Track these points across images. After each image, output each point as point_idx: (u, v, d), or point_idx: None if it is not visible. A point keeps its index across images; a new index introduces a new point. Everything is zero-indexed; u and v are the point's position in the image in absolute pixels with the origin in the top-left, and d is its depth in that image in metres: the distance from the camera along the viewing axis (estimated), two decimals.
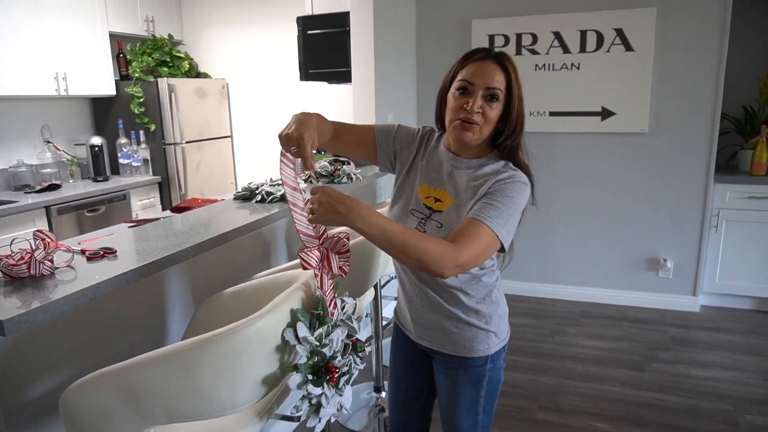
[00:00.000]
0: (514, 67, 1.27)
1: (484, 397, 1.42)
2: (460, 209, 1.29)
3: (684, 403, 2.61)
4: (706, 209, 3.52)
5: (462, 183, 1.31)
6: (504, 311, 1.44)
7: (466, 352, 1.38)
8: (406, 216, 1.37)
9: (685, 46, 3.35)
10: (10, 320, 1.10)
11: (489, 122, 1.26)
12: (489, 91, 1.25)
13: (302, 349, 1.11)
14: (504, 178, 1.25)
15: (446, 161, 1.36)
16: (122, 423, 1.09)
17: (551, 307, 3.80)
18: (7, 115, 3.72)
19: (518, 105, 1.27)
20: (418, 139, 1.45)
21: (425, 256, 1.11)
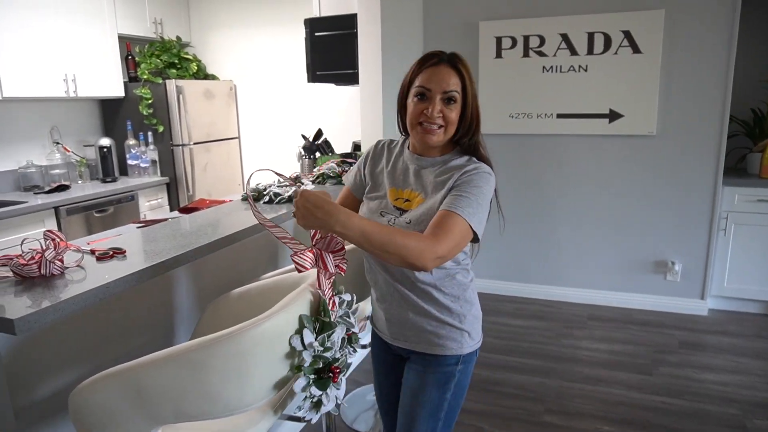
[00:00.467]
0: (467, 68, 1.33)
1: (448, 401, 1.41)
2: (430, 205, 1.32)
3: (691, 407, 2.59)
4: (715, 212, 3.50)
5: (429, 180, 1.36)
6: (478, 313, 1.45)
7: (439, 349, 1.39)
8: (376, 216, 1.40)
9: (694, 48, 3.33)
10: (20, 319, 1.11)
11: (451, 123, 1.32)
12: (446, 95, 1.30)
13: (308, 354, 1.13)
14: (470, 170, 1.31)
15: (412, 163, 1.41)
16: (130, 422, 1.10)
17: (558, 309, 3.79)
18: (18, 117, 3.75)
19: (473, 104, 1.33)
20: (374, 153, 1.50)
21: (406, 252, 1.13)
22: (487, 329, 3.45)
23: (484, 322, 1.50)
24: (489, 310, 3.76)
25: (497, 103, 3.77)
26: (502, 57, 3.70)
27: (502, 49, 3.69)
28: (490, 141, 1.40)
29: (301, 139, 3.49)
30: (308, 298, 1.19)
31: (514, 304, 3.88)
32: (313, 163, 3.36)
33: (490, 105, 3.79)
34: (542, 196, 3.85)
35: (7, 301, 1.20)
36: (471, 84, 1.32)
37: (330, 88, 4.16)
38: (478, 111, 1.34)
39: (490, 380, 2.87)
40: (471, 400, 2.68)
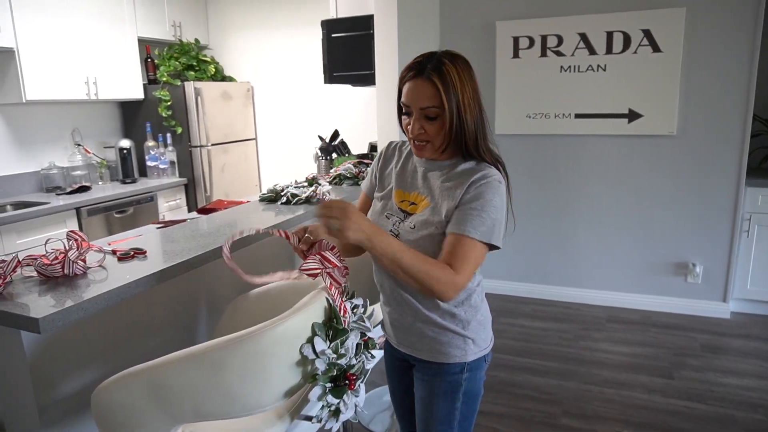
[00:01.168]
0: (444, 77, 1.21)
1: (459, 410, 1.38)
2: (436, 210, 1.28)
3: (714, 412, 2.55)
4: (737, 213, 3.43)
5: (436, 184, 1.31)
6: (484, 318, 1.40)
7: (443, 357, 1.35)
8: (382, 220, 1.37)
9: (716, 46, 3.28)
10: (45, 318, 1.13)
11: (435, 137, 1.25)
12: (423, 112, 1.24)
13: (321, 362, 1.11)
14: (478, 181, 1.24)
15: (420, 165, 1.36)
16: (151, 421, 1.11)
17: (576, 311, 3.75)
18: (40, 119, 3.82)
19: (458, 113, 1.22)
20: (386, 153, 1.47)
21: (428, 281, 1.16)
22: (506, 331, 3.43)
23: (501, 323, 1.49)
24: (507, 312, 3.74)
25: (514, 103, 3.74)
26: (519, 57, 3.68)
27: (520, 48, 3.66)
28: (507, 141, 1.38)
29: (318, 140, 3.50)
30: (323, 302, 1.18)
31: (533, 305, 3.85)
32: (330, 164, 3.37)
33: (507, 105, 3.76)
34: (560, 196, 3.81)
35: (31, 300, 1.22)
36: (455, 93, 1.21)
37: (347, 89, 4.17)
38: (469, 118, 1.23)
39: (508, 382, 2.84)
40: (488, 401, 2.66)
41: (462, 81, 1.22)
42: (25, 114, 3.72)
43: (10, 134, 3.65)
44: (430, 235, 1.26)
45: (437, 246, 1.25)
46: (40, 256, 1.40)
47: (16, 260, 1.35)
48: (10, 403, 1.34)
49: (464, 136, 1.25)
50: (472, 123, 1.24)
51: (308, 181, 2.50)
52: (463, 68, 1.24)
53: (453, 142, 1.27)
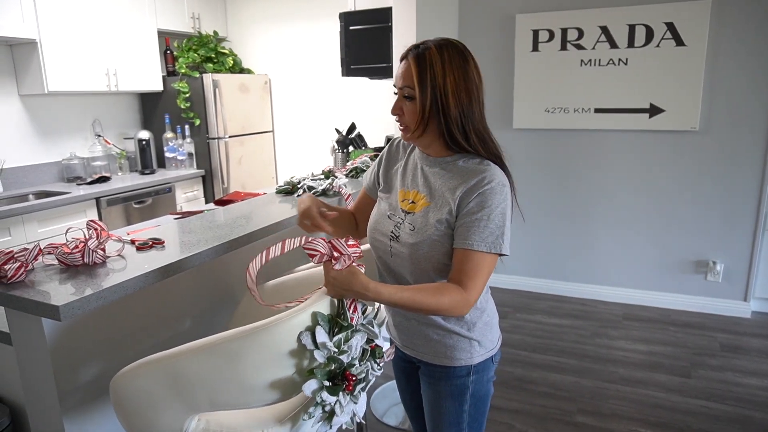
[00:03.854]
0: (422, 61, 1.19)
1: (468, 412, 1.35)
2: (434, 211, 1.25)
3: (734, 413, 2.51)
4: (761, 211, 3.36)
5: (436, 183, 1.27)
6: (490, 319, 1.36)
7: (448, 360, 1.32)
8: (383, 220, 1.35)
9: (741, 40, 3.20)
10: (65, 306, 1.15)
11: (410, 121, 1.24)
12: (402, 92, 1.23)
13: (320, 354, 1.08)
14: (479, 185, 1.20)
15: (421, 161, 1.33)
16: (168, 409, 1.12)
17: (593, 308, 3.71)
18: (62, 110, 3.87)
19: (434, 97, 1.19)
20: (390, 151, 1.45)
21: (441, 312, 1.17)
22: (522, 327, 3.41)
23: (518, 319, 1.47)
24: (524, 308, 3.71)
25: (533, 97, 3.70)
26: (538, 50, 3.63)
27: (539, 42, 3.62)
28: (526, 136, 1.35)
29: (335, 133, 3.50)
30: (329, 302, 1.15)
31: (550, 302, 3.82)
32: (347, 157, 3.37)
33: (525, 99, 3.72)
34: (578, 192, 3.77)
35: (52, 288, 1.24)
36: (434, 77, 1.18)
37: (364, 81, 4.16)
38: (456, 105, 1.20)
39: (524, 378, 2.83)
40: (503, 397, 2.65)
41: (445, 66, 1.19)
42: (47, 105, 3.77)
43: (33, 124, 3.70)
44: (429, 239, 1.23)
45: (436, 249, 1.23)
46: (61, 245, 1.42)
47: (37, 249, 1.37)
48: (32, 389, 1.36)
49: (447, 124, 1.21)
50: (456, 111, 1.20)
51: (325, 174, 2.50)
52: (451, 55, 1.20)
53: (436, 132, 1.24)
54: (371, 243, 1.38)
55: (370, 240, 1.38)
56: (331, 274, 1.09)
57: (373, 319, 1.21)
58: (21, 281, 1.29)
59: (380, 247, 1.34)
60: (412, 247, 1.25)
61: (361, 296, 1.11)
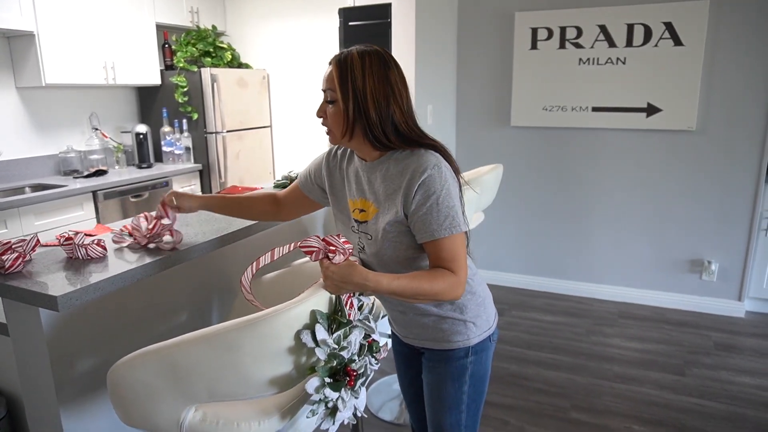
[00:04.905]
0: (342, 65, 1.22)
1: (467, 393, 1.40)
2: (383, 216, 1.28)
3: (727, 411, 2.53)
4: (756, 211, 3.38)
5: (379, 188, 1.29)
6: (482, 299, 1.40)
7: (446, 344, 1.37)
8: (350, 234, 1.37)
9: (739, 41, 3.22)
10: (63, 296, 1.15)
11: (333, 123, 1.27)
12: (325, 95, 1.27)
13: (321, 351, 1.09)
14: (417, 178, 1.21)
15: (361, 170, 1.35)
16: (165, 400, 1.12)
17: (589, 306, 3.73)
18: (59, 103, 3.86)
19: (355, 101, 1.22)
20: (324, 160, 1.46)
21: (438, 295, 1.20)
22: (517, 324, 3.42)
23: (513, 316, 1.49)
24: (520, 305, 3.73)
25: (531, 95, 3.71)
26: (537, 48, 3.64)
27: (538, 40, 3.62)
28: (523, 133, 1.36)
29: None
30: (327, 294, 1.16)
31: (546, 299, 3.84)
32: None
33: (523, 97, 3.73)
34: (575, 190, 3.78)
35: (50, 279, 1.24)
36: (352, 81, 1.21)
37: None
38: (374, 107, 1.21)
39: (519, 375, 2.84)
40: (498, 393, 2.66)
41: (364, 72, 1.21)
42: (44, 97, 3.75)
43: (29, 117, 3.69)
44: (388, 243, 1.27)
45: (397, 249, 1.27)
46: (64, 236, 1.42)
47: (35, 239, 1.37)
48: (29, 380, 1.36)
49: (369, 127, 1.24)
50: (375, 113, 1.22)
51: None
52: (372, 61, 1.22)
53: (360, 135, 1.26)
54: None
55: None
56: (331, 269, 1.10)
57: (369, 314, 1.22)
58: (19, 272, 1.29)
59: (356, 255, 1.39)
60: (376, 256, 1.31)
61: (362, 287, 1.12)
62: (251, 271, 1.26)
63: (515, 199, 3.92)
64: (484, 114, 3.87)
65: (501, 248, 4.06)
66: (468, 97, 3.92)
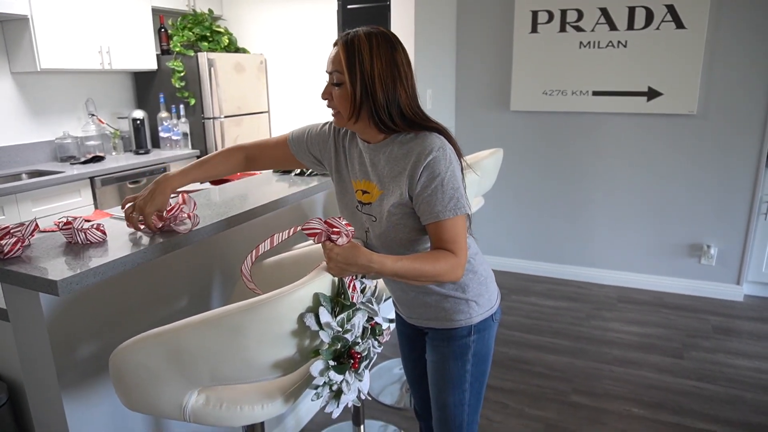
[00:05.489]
0: (350, 46, 1.20)
1: (470, 372, 1.41)
2: (388, 198, 1.27)
3: (725, 393, 2.54)
4: (756, 196, 3.38)
5: (383, 171, 1.29)
6: (484, 278, 1.40)
7: (448, 323, 1.38)
8: (354, 214, 1.37)
9: (741, 24, 3.19)
10: (63, 281, 1.14)
11: (340, 106, 1.25)
12: (331, 77, 1.26)
13: (325, 335, 1.09)
14: (422, 160, 1.21)
15: (365, 151, 1.34)
16: (168, 384, 1.12)
17: (588, 291, 3.73)
18: (54, 88, 3.82)
19: (362, 83, 1.20)
20: (331, 135, 1.43)
21: (439, 276, 1.20)
22: (517, 308, 3.43)
23: (513, 301, 1.49)
24: (519, 290, 3.73)
25: (531, 79, 3.68)
26: (537, 32, 3.60)
27: (538, 23, 3.59)
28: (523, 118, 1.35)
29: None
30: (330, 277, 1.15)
31: (546, 284, 3.84)
32: None
33: (523, 81, 3.70)
34: (575, 175, 3.77)
35: (49, 263, 1.23)
36: (360, 63, 1.19)
37: None
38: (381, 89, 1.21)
39: (519, 359, 2.85)
40: (499, 377, 2.67)
41: (372, 53, 1.20)
42: (40, 83, 3.71)
43: (25, 103, 3.65)
44: (391, 225, 1.28)
45: (401, 230, 1.28)
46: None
47: (34, 224, 1.35)
48: (30, 366, 1.36)
49: (375, 109, 1.23)
50: (382, 96, 1.21)
51: None
52: (380, 42, 1.21)
53: (366, 117, 1.25)
54: None
55: None
56: (335, 251, 1.09)
57: (372, 296, 1.21)
58: (18, 257, 1.28)
59: (360, 236, 1.39)
60: (380, 237, 1.31)
61: (366, 269, 1.11)
62: (251, 259, 1.25)
63: (515, 184, 3.90)
64: (483, 98, 3.84)
65: (501, 233, 4.06)
66: (467, 81, 3.89)
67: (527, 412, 2.41)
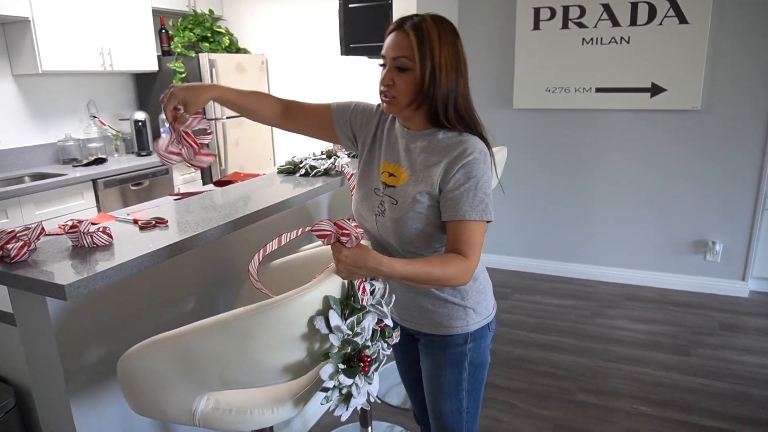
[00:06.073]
0: (421, 32, 1.18)
1: (466, 380, 1.38)
2: (416, 185, 1.25)
3: (732, 390, 2.53)
4: (760, 191, 3.36)
5: (417, 158, 1.27)
6: (483, 287, 1.38)
7: (445, 330, 1.35)
8: (369, 196, 1.34)
9: (744, 19, 3.17)
10: (71, 285, 1.13)
11: (403, 93, 1.22)
12: (395, 62, 1.21)
13: (335, 338, 1.08)
14: (462, 157, 1.20)
15: (401, 136, 1.33)
16: (177, 388, 1.11)
17: (593, 288, 3.72)
18: (56, 90, 3.81)
19: (431, 71, 1.18)
20: (377, 115, 1.41)
21: (447, 281, 1.18)
22: (522, 307, 3.42)
23: (518, 300, 1.47)
24: (524, 288, 3.72)
25: (534, 76, 3.67)
26: (540, 28, 3.59)
27: (540, 20, 3.57)
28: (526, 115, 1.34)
29: None
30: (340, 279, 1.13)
31: (550, 282, 3.83)
32: None
33: (526, 78, 3.69)
34: (579, 172, 3.76)
35: (56, 267, 1.22)
36: (431, 50, 1.18)
37: (363, 60, 4.11)
38: (447, 79, 1.20)
39: (524, 358, 2.84)
40: (505, 377, 2.66)
41: (441, 40, 1.19)
42: (41, 85, 3.71)
43: (27, 105, 3.64)
44: (413, 212, 1.25)
45: (420, 221, 1.25)
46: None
47: (40, 228, 1.35)
48: (37, 370, 1.35)
49: (434, 99, 1.21)
50: (445, 86, 1.20)
51: (327, 154, 2.48)
52: (444, 30, 1.20)
53: (423, 106, 1.23)
54: (358, 219, 1.38)
55: (357, 216, 1.39)
56: (344, 253, 1.08)
57: (381, 299, 1.20)
58: (24, 261, 1.27)
59: (367, 222, 1.35)
60: (397, 221, 1.27)
61: (375, 272, 1.10)
62: (258, 259, 1.24)
63: (518, 182, 3.89)
64: (486, 96, 3.82)
65: (505, 231, 4.05)
66: (470, 79, 3.86)
67: (535, 412, 2.40)
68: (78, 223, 1.37)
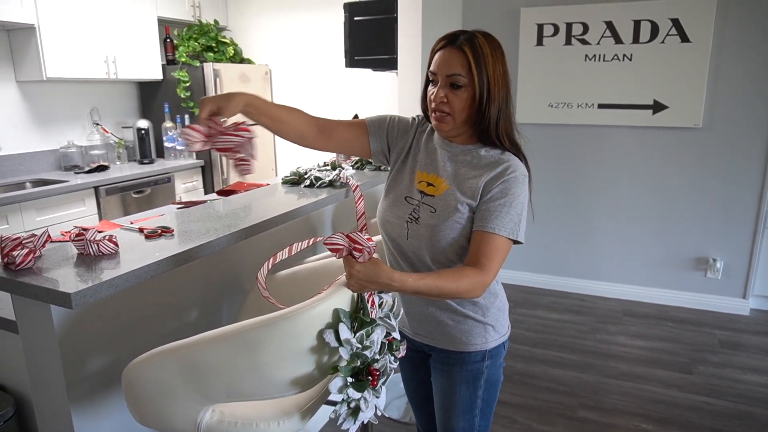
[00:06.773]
0: (475, 49, 1.19)
1: (481, 397, 1.37)
2: (455, 196, 1.25)
3: (735, 409, 2.52)
4: (761, 209, 3.37)
5: (458, 170, 1.28)
6: (503, 305, 1.38)
7: (463, 346, 1.33)
8: (400, 204, 1.33)
9: (747, 37, 3.20)
10: (77, 293, 1.12)
11: (458, 110, 1.22)
12: (449, 79, 1.21)
13: (344, 351, 1.07)
14: (504, 173, 1.22)
15: (441, 148, 1.32)
16: (182, 400, 1.10)
17: (592, 304, 3.72)
18: (59, 97, 3.82)
19: (487, 88, 1.20)
20: (413, 127, 1.41)
21: (459, 295, 1.16)
22: (523, 321, 3.41)
23: (519, 314, 1.47)
24: (525, 303, 3.71)
25: (537, 92, 3.69)
26: (543, 45, 3.61)
27: (544, 36, 3.60)
28: (529, 130, 1.35)
29: None
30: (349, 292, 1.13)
31: (550, 297, 3.82)
32: None
33: (529, 94, 3.71)
34: (580, 187, 3.76)
35: (61, 275, 1.22)
36: (486, 66, 1.19)
37: (367, 73, 4.13)
38: (496, 95, 1.21)
39: (526, 373, 2.83)
40: (506, 392, 2.64)
41: (494, 57, 1.21)
42: (45, 92, 3.71)
43: (30, 112, 3.65)
44: (451, 222, 1.24)
45: (457, 231, 1.24)
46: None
47: (46, 235, 1.34)
48: (39, 379, 1.34)
49: (487, 116, 1.22)
50: (497, 102, 1.22)
51: (331, 165, 2.48)
52: (495, 46, 1.23)
53: (473, 122, 1.24)
54: (383, 226, 1.36)
55: (382, 223, 1.36)
56: (356, 267, 1.07)
57: (389, 312, 1.20)
58: (29, 268, 1.26)
59: (395, 230, 1.32)
60: (433, 229, 1.25)
61: (386, 287, 1.10)
62: (267, 267, 1.23)
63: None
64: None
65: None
66: None
67: (536, 428, 2.39)
68: (84, 231, 1.37)
